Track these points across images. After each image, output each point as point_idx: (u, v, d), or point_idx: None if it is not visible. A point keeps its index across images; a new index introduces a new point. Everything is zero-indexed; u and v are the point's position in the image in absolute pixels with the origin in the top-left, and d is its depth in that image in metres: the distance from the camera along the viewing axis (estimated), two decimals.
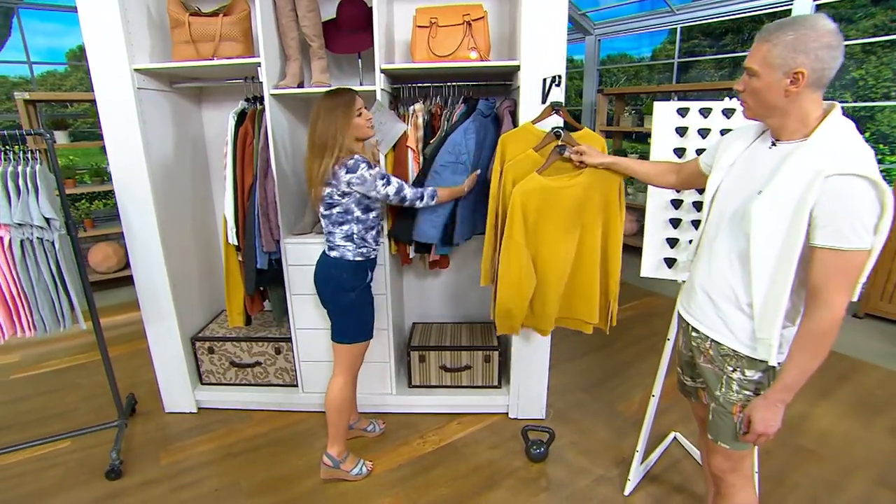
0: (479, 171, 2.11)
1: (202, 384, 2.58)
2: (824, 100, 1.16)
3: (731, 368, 1.29)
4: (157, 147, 2.23)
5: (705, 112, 1.84)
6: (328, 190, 1.77)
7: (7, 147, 1.90)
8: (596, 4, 5.53)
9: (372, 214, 1.86)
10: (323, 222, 1.87)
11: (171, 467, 2.16)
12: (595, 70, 5.48)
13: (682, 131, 1.86)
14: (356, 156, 1.74)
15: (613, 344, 3.24)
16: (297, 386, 2.50)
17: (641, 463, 2.03)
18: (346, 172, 1.72)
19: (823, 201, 1.06)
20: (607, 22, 5.40)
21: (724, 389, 1.31)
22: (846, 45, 1.13)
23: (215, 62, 2.08)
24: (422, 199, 1.90)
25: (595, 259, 1.95)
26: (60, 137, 3.86)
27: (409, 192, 1.86)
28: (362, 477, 2.07)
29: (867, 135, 5.16)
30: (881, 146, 5.15)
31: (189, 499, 1.98)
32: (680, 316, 1.50)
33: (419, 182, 2.14)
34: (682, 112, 1.86)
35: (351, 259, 1.85)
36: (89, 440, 2.31)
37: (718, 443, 1.35)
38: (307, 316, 2.34)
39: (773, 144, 1.22)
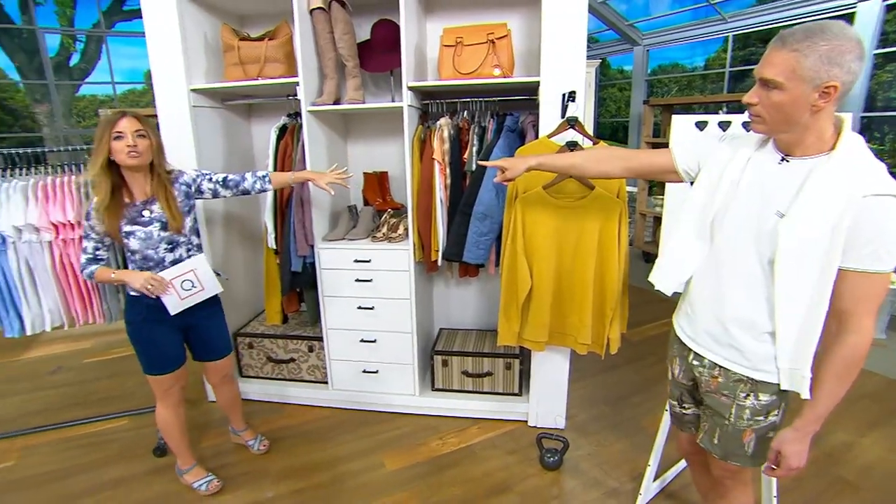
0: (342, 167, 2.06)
1: (242, 376, 2.79)
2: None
3: (743, 395, 1.23)
4: (208, 158, 2.46)
5: (725, 126, 1.82)
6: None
7: None
8: (647, 14, 5.46)
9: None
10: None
11: (210, 450, 2.36)
12: (643, 81, 5.38)
13: None
14: None
15: (645, 358, 3.18)
16: (327, 383, 2.65)
17: (656, 479, 2.00)
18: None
19: (861, 223, 1.00)
20: (657, 32, 5.31)
21: (733, 419, 1.26)
22: None
23: (259, 82, 2.29)
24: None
25: (587, 281, 2.00)
26: None
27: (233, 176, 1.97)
28: (204, 492, 2.06)
29: None
30: None
31: (222, 476, 2.15)
32: (679, 342, 1.40)
33: (469, 200, 2.22)
34: (701, 126, 1.86)
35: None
36: (143, 420, 2.57)
37: (729, 461, 1.30)
38: (338, 317, 2.49)
39: (784, 160, 1.14)
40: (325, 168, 2.46)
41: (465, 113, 2.41)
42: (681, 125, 1.87)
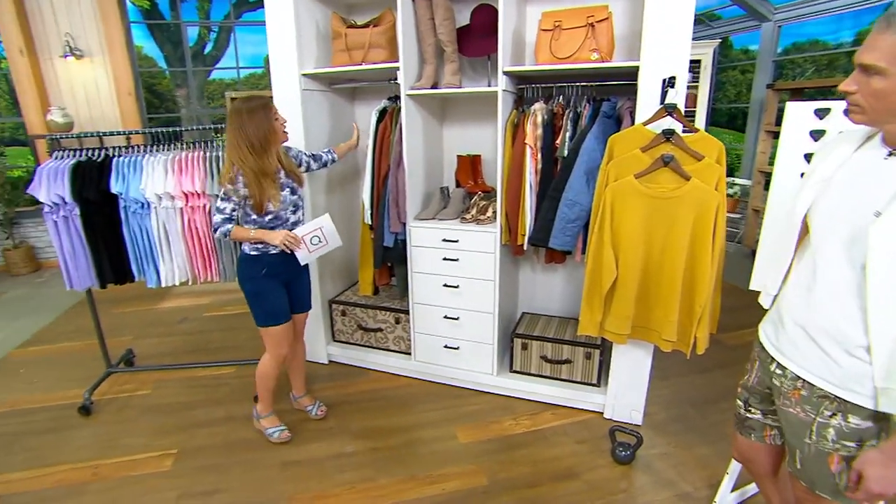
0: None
1: (334, 341, 3.03)
2: None
3: (828, 413, 1.11)
4: (315, 137, 2.67)
5: None
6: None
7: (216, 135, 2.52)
8: None
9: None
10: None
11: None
12: (770, 62, 4.86)
13: (818, 135, 1.68)
14: None
15: (740, 364, 2.92)
16: (410, 354, 2.80)
17: (735, 489, 1.90)
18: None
19: None
20: (793, 5, 4.74)
21: (814, 438, 1.14)
22: None
23: (363, 67, 2.43)
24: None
25: (676, 275, 1.92)
26: None
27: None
28: (274, 440, 2.29)
29: None
30: None
31: (310, 428, 2.40)
32: (762, 348, 1.31)
33: (559, 186, 2.20)
34: (821, 113, 1.68)
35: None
36: (247, 370, 2.89)
37: (817, 492, 1.19)
38: (425, 292, 2.61)
39: (892, 154, 1.02)
40: (420, 150, 2.57)
41: (561, 97, 2.38)
42: (796, 112, 1.71)
